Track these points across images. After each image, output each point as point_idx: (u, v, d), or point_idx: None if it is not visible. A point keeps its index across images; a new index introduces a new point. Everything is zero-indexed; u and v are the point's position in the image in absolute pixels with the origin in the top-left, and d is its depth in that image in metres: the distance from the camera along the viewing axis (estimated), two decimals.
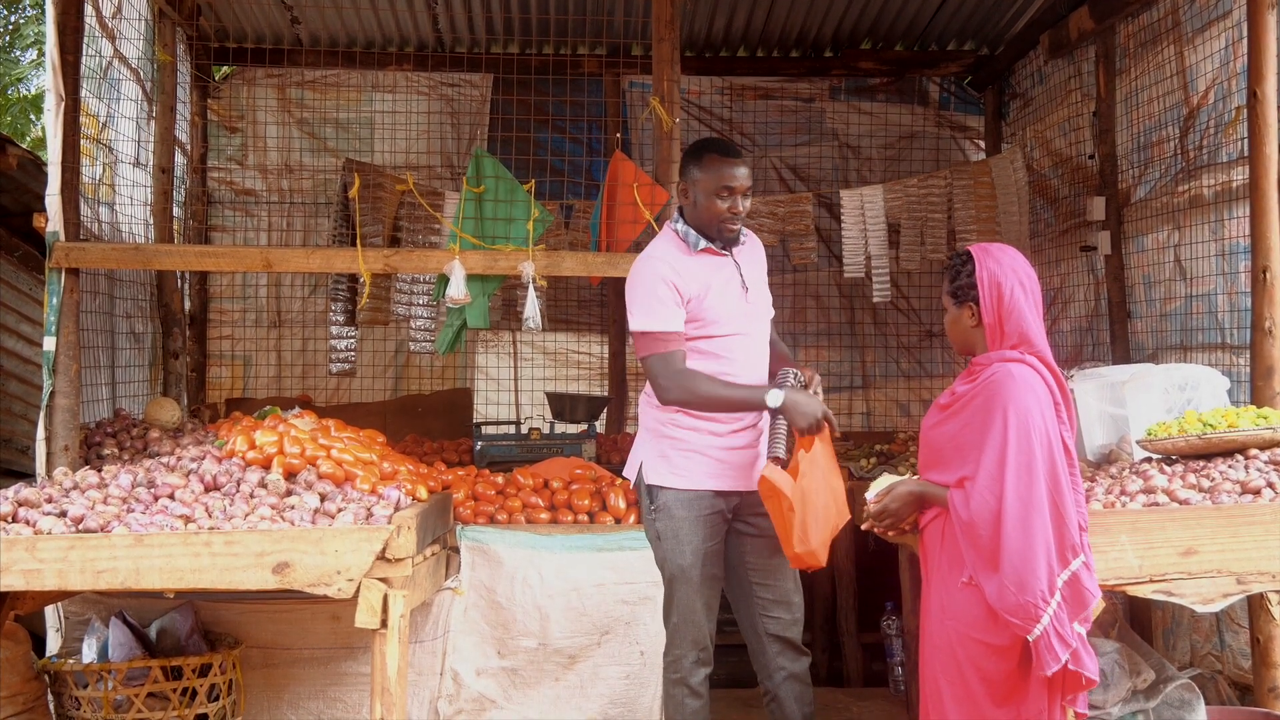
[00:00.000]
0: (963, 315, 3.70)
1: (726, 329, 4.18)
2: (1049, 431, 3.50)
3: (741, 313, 4.22)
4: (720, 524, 4.22)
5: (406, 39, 7.96)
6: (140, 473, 4.61)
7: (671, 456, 4.21)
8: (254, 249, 6.95)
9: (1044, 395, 3.54)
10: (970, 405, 3.62)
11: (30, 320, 7.34)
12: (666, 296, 4.09)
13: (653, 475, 4.23)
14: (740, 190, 4.15)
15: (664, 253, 4.21)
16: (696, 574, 4.16)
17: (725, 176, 4.13)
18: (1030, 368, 3.58)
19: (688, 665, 4.21)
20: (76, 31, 5.23)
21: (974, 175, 7.48)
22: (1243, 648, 5.14)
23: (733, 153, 4.20)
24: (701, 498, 4.17)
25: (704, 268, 4.18)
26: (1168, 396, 4.78)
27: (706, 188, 4.14)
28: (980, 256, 3.67)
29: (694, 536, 4.16)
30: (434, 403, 7.84)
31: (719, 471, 4.18)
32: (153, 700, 4.68)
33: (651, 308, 4.10)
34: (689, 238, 4.20)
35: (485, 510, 5.22)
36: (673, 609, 4.23)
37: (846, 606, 6.60)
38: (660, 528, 4.20)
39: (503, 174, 5.52)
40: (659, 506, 4.20)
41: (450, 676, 5.02)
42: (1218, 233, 5.55)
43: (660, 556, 4.24)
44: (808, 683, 4.31)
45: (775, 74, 8.32)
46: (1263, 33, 4.80)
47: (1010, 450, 3.46)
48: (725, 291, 4.19)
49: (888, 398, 8.42)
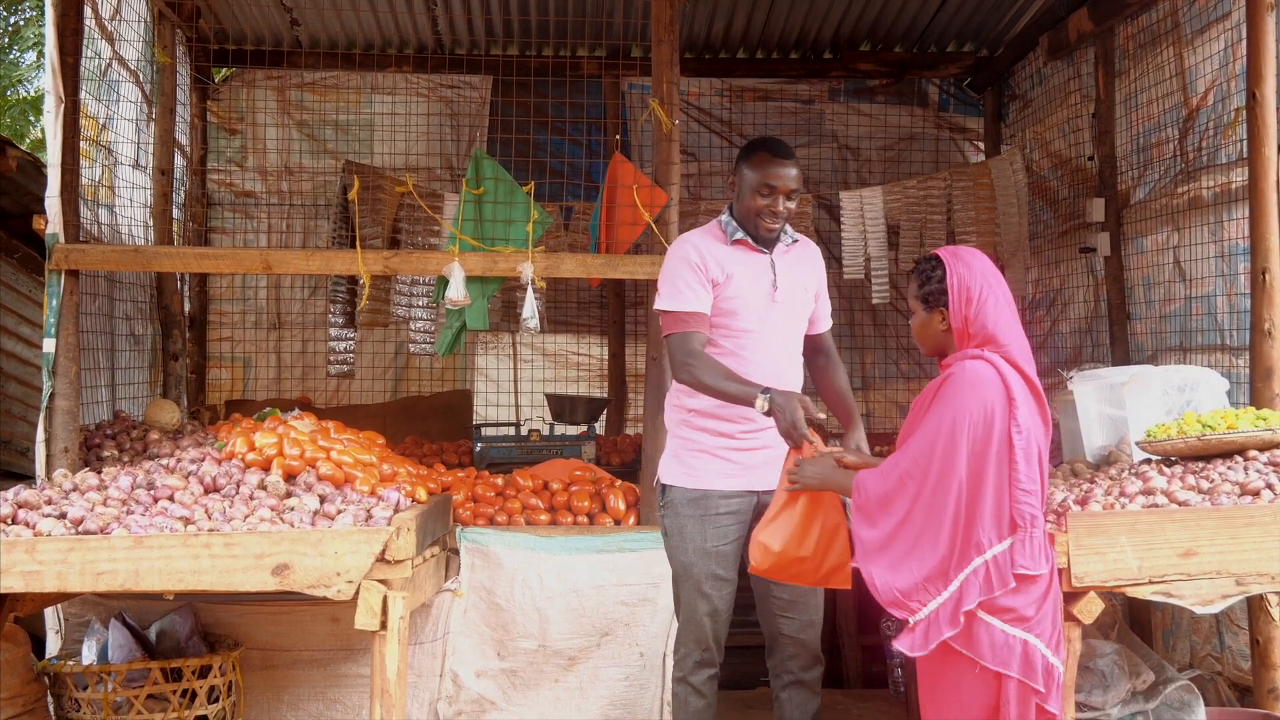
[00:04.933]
0: (933, 320, 3.71)
1: (745, 324, 4.22)
2: (992, 425, 3.48)
3: (766, 311, 4.25)
4: (733, 526, 4.22)
5: (406, 41, 7.96)
6: (140, 474, 4.61)
7: (683, 456, 4.27)
8: (254, 251, 6.95)
9: (995, 390, 3.53)
10: (931, 404, 3.64)
11: (30, 322, 7.35)
12: (691, 278, 4.18)
13: (666, 474, 4.31)
14: (783, 190, 4.20)
15: (697, 238, 4.30)
16: (698, 573, 4.18)
17: (769, 175, 4.20)
18: (989, 364, 3.58)
19: (690, 664, 4.25)
20: (76, 33, 5.23)
21: (973, 177, 7.49)
22: (1242, 649, 5.14)
23: (781, 153, 4.26)
24: (709, 497, 4.20)
25: (734, 257, 4.25)
26: (1167, 398, 4.78)
27: (751, 183, 4.22)
28: (950, 261, 3.68)
29: (697, 535, 4.18)
30: (433, 404, 7.84)
31: (731, 471, 4.20)
32: (152, 702, 4.68)
33: (675, 288, 4.19)
34: (729, 227, 4.29)
35: (485, 512, 5.22)
36: (679, 607, 4.29)
37: (846, 608, 6.59)
38: (667, 524, 4.28)
39: (502, 176, 5.52)
40: (666, 503, 4.27)
41: (450, 678, 5.02)
42: (1217, 234, 5.55)
43: (668, 553, 4.31)
44: (816, 692, 4.31)
45: (774, 76, 8.32)
46: (1262, 34, 4.80)
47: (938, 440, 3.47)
48: (751, 286, 4.24)
49: (887, 399, 8.41)
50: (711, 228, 4.35)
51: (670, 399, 4.39)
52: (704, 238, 4.30)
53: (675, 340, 4.17)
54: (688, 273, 4.18)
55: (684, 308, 4.17)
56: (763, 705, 5.73)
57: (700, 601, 4.20)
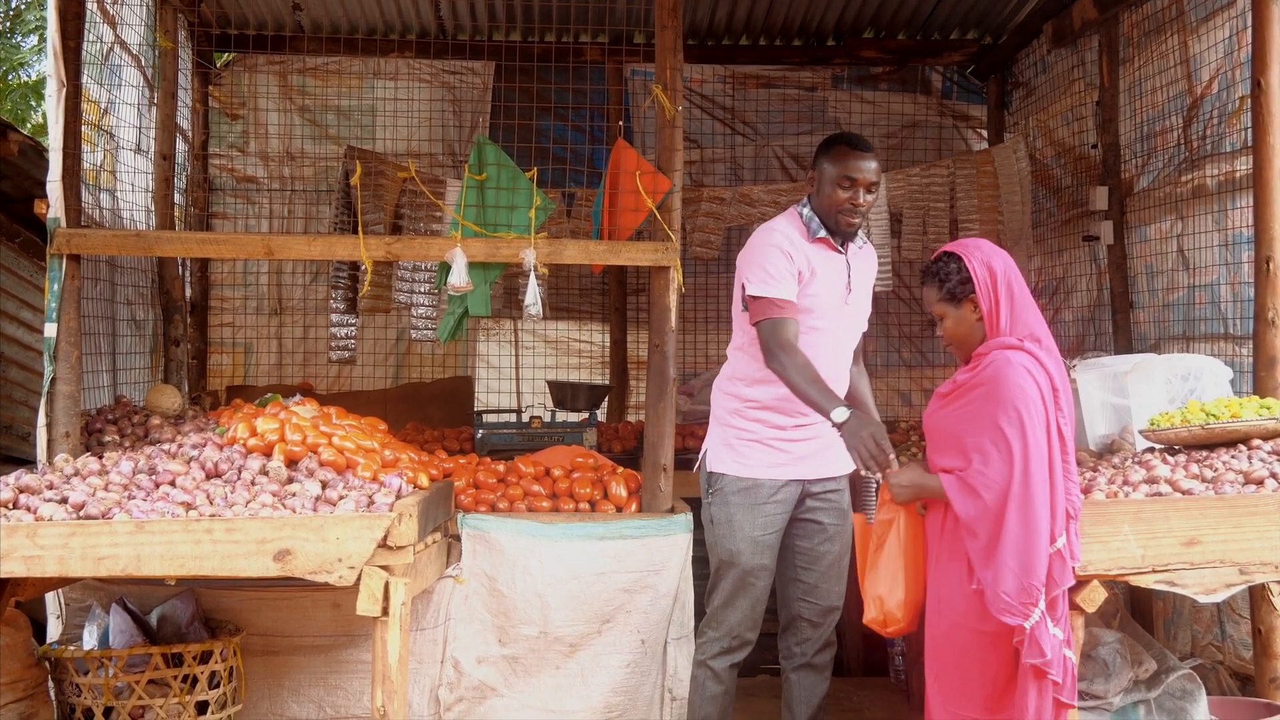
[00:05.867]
0: (965, 312, 3.71)
1: (818, 322, 4.23)
2: (1046, 419, 3.53)
3: (838, 312, 4.29)
4: (779, 515, 4.27)
5: (408, 26, 7.94)
6: (141, 460, 4.60)
7: (735, 445, 4.30)
8: (255, 236, 6.94)
9: (1043, 382, 3.56)
10: (970, 393, 3.63)
11: (31, 307, 7.34)
12: (785, 266, 4.18)
13: (715, 463, 4.33)
14: (863, 183, 4.22)
15: (785, 228, 4.30)
16: (746, 561, 4.23)
17: (850, 167, 4.22)
18: (1029, 354, 3.59)
19: (715, 649, 4.31)
20: (78, 17, 5.21)
21: (976, 165, 7.47)
22: (1244, 638, 5.14)
23: (861, 146, 4.29)
24: (761, 486, 4.23)
25: (816, 255, 4.27)
26: (1170, 386, 4.78)
27: (831, 176, 4.24)
28: (967, 251, 3.70)
29: (747, 524, 4.23)
30: (435, 391, 7.84)
31: (782, 461, 4.24)
32: (153, 687, 4.68)
33: (770, 274, 4.18)
34: (811, 223, 4.30)
35: (486, 498, 5.21)
36: (715, 592, 4.32)
37: (847, 596, 6.58)
38: (715, 512, 4.30)
39: (505, 161, 5.51)
40: (716, 491, 4.30)
41: (451, 664, 5.02)
42: (1221, 223, 5.54)
43: (711, 541, 4.33)
44: (826, 676, 4.38)
45: (778, 62, 8.30)
46: (1267, 22, 4.78)
47: (1014, 440, 3.47)
48: (830, 285, 4.27)
49: (889, 387, 8.40)
50: (793, 219, 4.34)
51: (724, 386, 4.40)
52: (790, 229, 4.29)
53: (768, 327, 4.14)
54: (781, 260, 4.18)
55: (779, 294, 4.16)
56: (763, 692, 5.74)
57: (745, 590, 4.26)
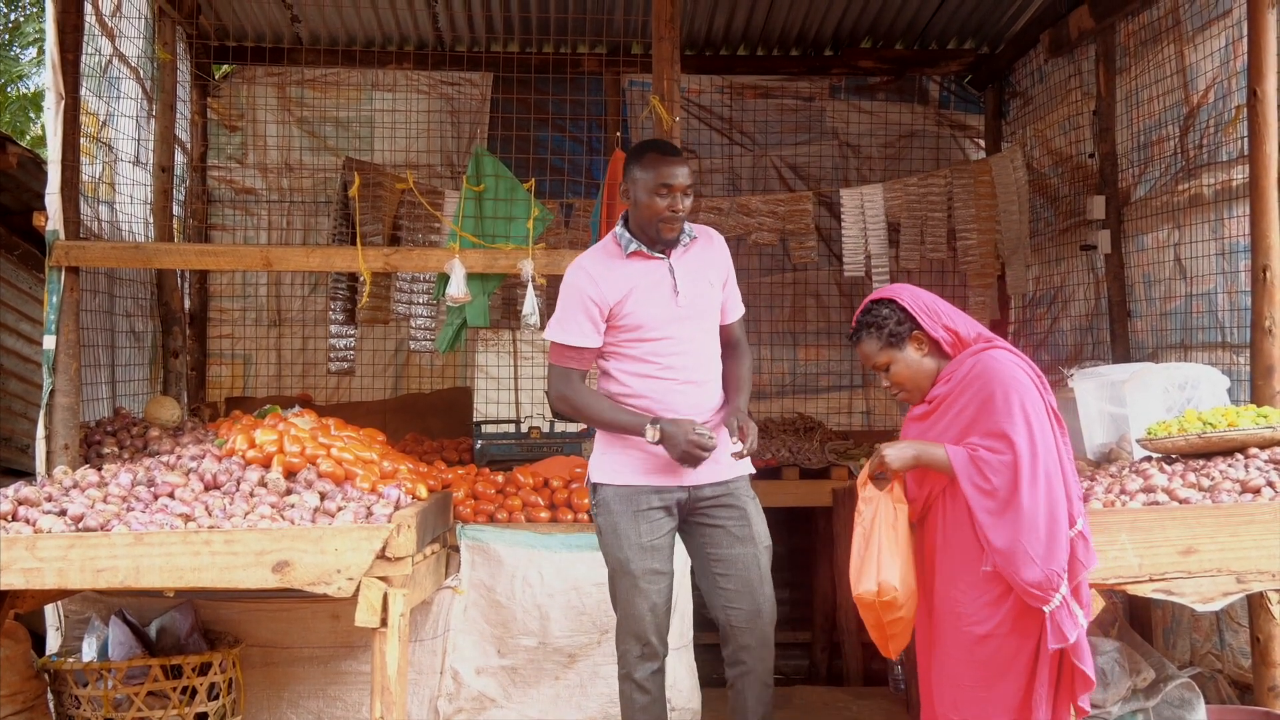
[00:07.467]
0: (909, 352, 3.73)
1: (654, 333, 4.18)
2: (1044, 404, 3.55)
3: (670, 316, 4.21)
4: (663, 519, 4.20)
5: (406, 38, 7.96)
6: (140, 471, 4.60)
7: (609, 454, 4.24)
8: (254, 248, 6.94)
9: (1029, 370, 3.60)
10: (958, 400, 3.64)
11: (30, 319, 7.34)
12: (580, 315, 4.16)
13: (595, 473, 4.28)
14: (679, 189, 4.15)
15: (591, 262, 4.24)
16: (635, 567, 4.16)
17: (664, 174, 4.14)
18: (1004, 349, 3.63)
19: (632, 659, 4.21)
20: (76, 29, 5.23)
21: (974, 174, 7.49)
22: (1242, 647, 5.14)
23: (672, 152, 4.23)
24: (638, 493, 4.18)
25: (630, 272, 4.20)
26: (1168, 395, 4.78)
27: (647, 185, 4.15)
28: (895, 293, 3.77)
29: (632, 531, 4.16)
30: (434, 401, 7.84)
31: (654, 467, 4.17)
32: (153, 699, 4.68)
33: (564, 321, 4.18)
34: (623, 240, 4.24)
35: (485, 509, 5.21)
36: (616, 603, 4.25)
37: (846, 605, 6.59)
38: (600, 522, 4.24)
39: (503, 172, 5.52)
40: (598, 502, 4.25)
41: (450, 675, 5.02)
42: (1218, 231, 5.54)
43: (604, 551, 4.27)
44: (768, 683, 4.25)
45: (775, 72, 8.32)
46: (1263, 31, 4.80)
47: (1022, 424, 3.49)
48: (652, 294, 4.20)
49: (887, 396, 8.39)
50: (607, 244, 4.29)
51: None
52: (598, 257, 4.25)
53: (557, 373, 4.21)
54: (577, 308, 4.15)
55: (569, 341, 4.17)
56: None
57: (639, 597, 4.17)
